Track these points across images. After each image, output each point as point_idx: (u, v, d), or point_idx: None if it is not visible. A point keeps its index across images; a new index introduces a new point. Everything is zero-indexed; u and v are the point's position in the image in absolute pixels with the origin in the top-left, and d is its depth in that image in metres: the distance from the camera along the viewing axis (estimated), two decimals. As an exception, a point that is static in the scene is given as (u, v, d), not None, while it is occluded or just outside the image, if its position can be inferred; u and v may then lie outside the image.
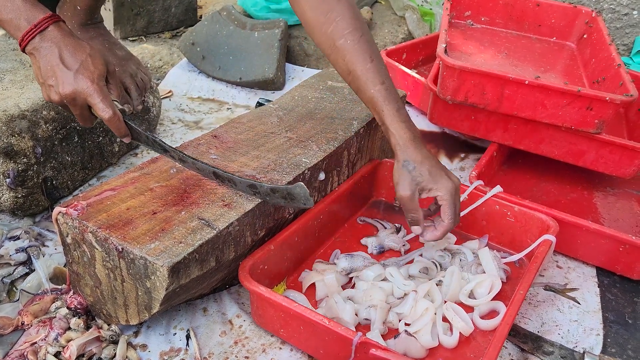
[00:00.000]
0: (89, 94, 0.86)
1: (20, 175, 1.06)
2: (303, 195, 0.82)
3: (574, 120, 1.21)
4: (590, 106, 1.18)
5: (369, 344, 0.78)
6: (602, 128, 1.21)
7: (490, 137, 1.35)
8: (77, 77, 0.86)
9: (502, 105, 1.25)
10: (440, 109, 1.37)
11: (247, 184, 0.87)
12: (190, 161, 0.91)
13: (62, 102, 0.88)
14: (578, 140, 1.26)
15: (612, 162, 1.26)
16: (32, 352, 0.85)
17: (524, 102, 1.23)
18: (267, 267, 0.93)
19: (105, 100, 0.87)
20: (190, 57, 1.79)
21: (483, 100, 1.26)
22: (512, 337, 0.95)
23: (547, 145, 1.30)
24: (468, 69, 1.23)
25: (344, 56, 0.96)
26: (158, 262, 0.76)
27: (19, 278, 0.99)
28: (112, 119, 0.88)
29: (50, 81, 0.87)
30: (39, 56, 0.87)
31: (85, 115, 0.91)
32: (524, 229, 1.09)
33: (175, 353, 0.89)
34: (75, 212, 0.82)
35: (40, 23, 0.86)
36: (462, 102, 1.28)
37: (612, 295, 1.08)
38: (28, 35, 0.86)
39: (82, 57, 0.87)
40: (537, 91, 1.21)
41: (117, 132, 0.90)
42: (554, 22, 1.65)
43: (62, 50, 0.87)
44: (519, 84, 1.21)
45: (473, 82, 1.24)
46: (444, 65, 1.26)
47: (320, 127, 1.12)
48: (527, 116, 1.24)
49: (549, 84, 1.19)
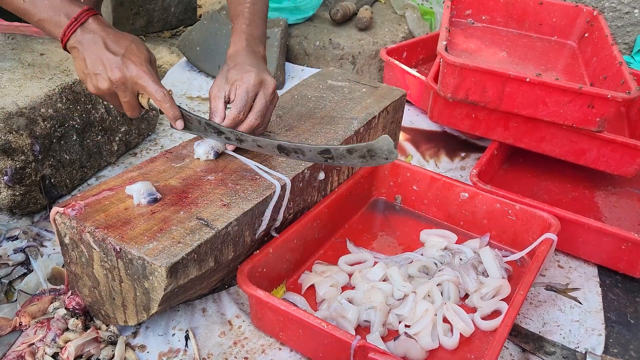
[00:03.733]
0: (140, 76, 0.87)
1: (18, 173, 1.06)
2: (387, 148, 0.78)
3: (575, 118, 1.20)
4: (591, 104, 1.17)
5: (367, 348, 0.78)
6: (603, 126, 1.20)
7: (490, 136, 1.34)
8: (125, 62, 0.86)
9: (502, 103, 1.24)
10: (441, 107, 1.36)
11: (319, 151, 0.84)
12: (250, 139, 0.90)
13: (111, 89, 0.88)
14: (579, 138, 1.25)
15: (613, 160, 1.25)
16: (29, 353, 0.84)
17: (524, 100, 1.22)
18: (266, 270, 0.93)
19: (157, 82, 0.88)
20: (189, 56, 1.79)
21: (484, 98, 1.25)
22: (513, 337, 0.95)
23: (548, 144, 1.29)
24: (469, 66, 1.22)
25: None
26: (156, 262, 0.75)
27: (17, 278, 0.98)
28: (165, 99, 0.88)
29: (97, 69, 0.87)
30: (83, 48, 0.87)
31: (133, 103, 0.90)
32: (526, 227, 1.08)
33: (174, 354, 0.88)
34: (73, 212, 0.82)
35: (80, 16, 0.87)
36: (463, 99, 1.27)
37: (613, 295, 1.08)
38: (70, 30, 0.87)
39: (127, 44, 0.88)
40: (538, 89, 1.20)
41: (170, 114, 0.90)
42: (555, 21, 1.64)
43: (106, 39, 0.87)
44: (520, 81, 1.20)
45: (474, 79, 1.23)
46: (444, 63, 1.26)
47: (319, 126, 1.11)
48: (528, 114, 1.24)
49: (550, 81, 1.18)
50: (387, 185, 1.22)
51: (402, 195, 1.21)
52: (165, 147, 1.41)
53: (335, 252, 1.08)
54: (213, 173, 0.93)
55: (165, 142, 1.43)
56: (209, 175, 0.93)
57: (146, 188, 0.85)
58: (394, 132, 1.29)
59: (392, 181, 1.21)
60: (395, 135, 1.32)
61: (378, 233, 1.15)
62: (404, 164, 1.19)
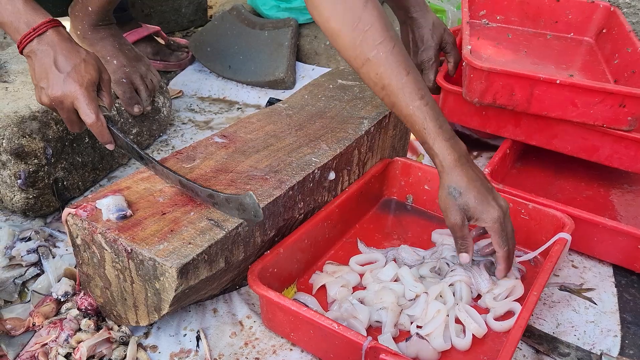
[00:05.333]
0: (76, 97, 0.87)
1: (31, 176, 1.07)
2: (252, 206, 0.76)
3: (605, 118, 1.18)
4: (623, 103, 1.15)
5: (379, 349, 0.77)
6: (634, 125, 1.17)
7: (501, 133, 1.32)
8: (67, 81, 0.87)
9: (531, 105, 1.22)
10: (451, 105, 1.35)
11: (207, 194, 0.84)
12: (160, 169, 0.90)
13: (51, 104, 0.89)
14: (591, 135, 1.23)
15: (627, 157, 1.23)
16: (42, 354, 0.85)
17: (553, 101, 1.20)
18: (276, 270, 0.93)
19: (90, 105, 0.88)
20: (200, 57, 1.79)
21: (512, 102, 1.23)
22: (527, 338, 0.94)
23: (560, 141, 1.27)
24: (496, 70, 1.20)
25: (376, 70, 0.88)
26: (167, 263, 0.75)
27: (30, 279, 0.99)
28: (94, 124, 0.89)
29: (42, 83, 0.88)
30: (35, 59, 0.88)
31: (73, 120, 0.91)
32: (539, 227, 1.07)
33: (185, 354, 0.88)
34: (85, 213, 0.82)
35: (39, 27, 0.88)
36: (491, 104, 1.25)
37: (629, 295, 1.06)
38: (26, 39, 0.88)
39: (76, 62, 0.88)
40: (567, 90, 1.18)
41: (99, 138, 0.91)
42: (571, 18, 1.64)
43: (57, 54, 0.88)
44: (550, 83, 1.18)
45: (501, 83, 1.22)
46: (470, 68, 1.23)
47: (330, 126, 1.11)
48: (557, 116, 1.22)
49: (581, 82, 1.17)
50: (398, 185, 1.21)
51: (414, 195, 1.21)
52: (176, 148, 1.41)
53: (346, 252, 1.07)
54: (223, 173, 0.94)
55: (176, 142, 1.44)
56: (220, 176, 0.93)
57: (116, 203, 0.82)
58: (404, 131, 1.28)
59: (404, 181, 1.21)
60: (406, 134, 1.31)
61: (389, 233, 1.14)
62: (415, 163, 1.19)
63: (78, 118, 0.91)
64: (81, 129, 0.94)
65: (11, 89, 1.14)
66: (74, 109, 0.89)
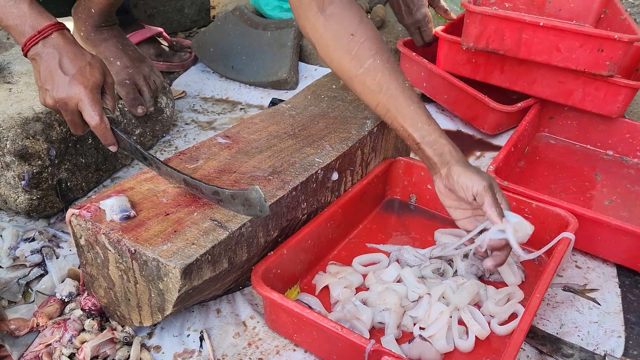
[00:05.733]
0: (80, 99, 0.88)
1: (34, 178, 1.07)
2: (258, 200, 0.76)
3: (586, 63, 1.27)
4: (601, 47, 1.23)
5: (382, 352, 0.77)
6: (614, 70, 1.25)
7: (489, 80, 1.44)
8: (72, 83, 0.88)
9: (520, 50, 1.32)
10: (446, 54, 1.47)
11: (212, 191, 0.84)
12: (163, 169, 0.90)
13: (55, 106, 0.90)
14: (567, 79, 1.33)
15: (598, 99, 1.32)
16: (46, 354, 0.85)
17: (540, 46, 1.29)
18: (280, 271, 0.93)
19: (95, 107, 0.88)
20: (203, 57, 1.79)
21: (503, 46, 1.33)
22: (530, 339, 0.93)
23: (539, 86, 1.38)
24: (488, 13, 1.31)
25: (374, 76, 0.92)
26: (170, 263, 0.75)
27: (34, 279, 0.99)
28: (98, 126, 0.89)
29: (47, 85, 0.89)
30: (40, 61, 0.89)
31: (76, 122, 0.92)
32: (543, 226, 1.06)
33: (189, 354, 0.88)
34: (88, 213, 0.82)
35: (44, 30, 0.88)
36: (484, 48, 1.35)
37: (633, 296, 1.06)
38: (31, 41, 0.88)
39: (81, 65, 0.89)
40: (552, 34, 1.26)
41: (103, 140, 0.92)
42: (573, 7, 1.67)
43: (62, 56, 0.88)
44: (535, 26, 1.27)
45: (493, 27, 1.31)
46: (467, 13, 1.34)
47: (333, 126, 1.11)
48: (543, 60, 1.31)
49: (562, 25, 1.27)
50: (401, 185, 1.21)
51: (417, 195, 1.21)
52: (179, 148, 1.41)
53: (349, 253, 1.07)
54: (227, 174, 0.94)
55: (179, 143, 1.44)
56: (223, 176, 0.93)
57: (119, 203, 0.83)
58: (407, 131, 1.28)
59: (407, 180, 1.21)
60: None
61: (392, 233, 1.14)
62: (418, 162, 1.18)
63: (81, 120, 0.92)
64: (84, 132, 0.94)
65: (15, 90, 1.15)
66: (78, 111, 0.90)
